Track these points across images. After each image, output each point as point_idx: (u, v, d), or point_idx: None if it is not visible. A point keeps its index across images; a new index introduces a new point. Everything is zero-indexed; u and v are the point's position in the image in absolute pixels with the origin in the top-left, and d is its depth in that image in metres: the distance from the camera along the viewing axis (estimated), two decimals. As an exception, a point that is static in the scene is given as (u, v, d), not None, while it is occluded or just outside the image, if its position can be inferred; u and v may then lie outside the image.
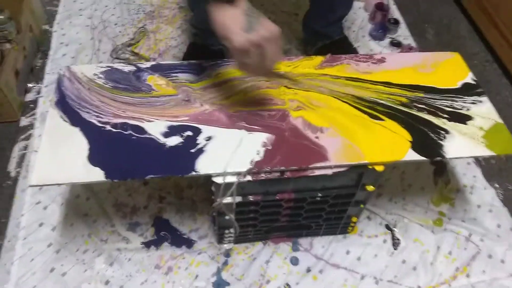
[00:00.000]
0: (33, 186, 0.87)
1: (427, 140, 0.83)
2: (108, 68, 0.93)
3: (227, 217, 0.85)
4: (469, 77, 0.97)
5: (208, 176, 0.76)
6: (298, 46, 1.48)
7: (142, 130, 0.82)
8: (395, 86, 0.94)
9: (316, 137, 0.82)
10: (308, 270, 0.97)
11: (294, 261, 0.99)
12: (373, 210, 1.08)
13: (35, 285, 0.92)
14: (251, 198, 0.82)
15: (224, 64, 0.96)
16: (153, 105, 0.87)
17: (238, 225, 0.87)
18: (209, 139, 0.81)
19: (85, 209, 1.04)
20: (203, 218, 1.05)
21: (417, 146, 0.81)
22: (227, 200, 0.79)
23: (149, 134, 0.81)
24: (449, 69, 0.99)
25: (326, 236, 1.03)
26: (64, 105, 0.85)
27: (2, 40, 1.25)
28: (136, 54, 1.43)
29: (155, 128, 0.82)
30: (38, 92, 1.31)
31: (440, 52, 1.03)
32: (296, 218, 0.92)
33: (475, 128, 0.87)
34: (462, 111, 0.90)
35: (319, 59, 0.99)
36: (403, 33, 1.58)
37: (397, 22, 1.55)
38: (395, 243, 1.03)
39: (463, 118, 0.88)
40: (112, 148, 0.79)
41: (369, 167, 0.79)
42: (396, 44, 1.52)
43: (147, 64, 0.95)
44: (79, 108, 0.85)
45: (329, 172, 0.78)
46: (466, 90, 0.94)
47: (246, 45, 0.69)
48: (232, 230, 0.93)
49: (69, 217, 1.02)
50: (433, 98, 0.92)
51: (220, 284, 0.95)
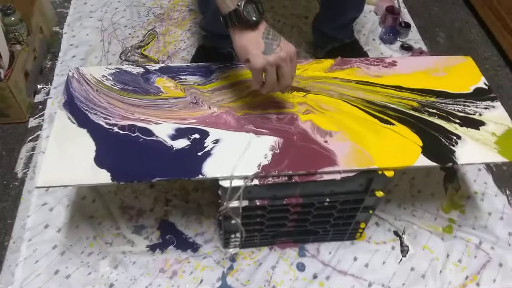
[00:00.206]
0: (40, 188, 0.87)
1: (439, 146, 0.82)
2: (117, 70, 0.93)
3: (233, 221, 0.84)
4: (482, 82, 0.96)
5: (215, 180, 0.76)
6: (308, 49, 1.48)
7: (150, 132, 0.81)
8: (406, 90, 0.92)
9: (325, 141, 0.81)
10: (315, 277, 0.96)
11: (301, 267, 0.97)
12: (382, 216, 1.06)
13: (39, 287, 0.91)
14: (258, 203, 0.81)
15: (233, 67, 0.95)
16: (161, 107, 0.86)
17: (244, 230, 0.86)
18: (217, 142, 0.80)
19: (91, 211, 1.04)
20: (209, 222, 1.04)
21: (428, 152, 0.80)
22: (234, 204, 0.79)
23: (157, 137, 0.80)
24: (461, 74, 0.97)
25: (333, 242, 1.01)
26: (72, 107, 0.85)
27: (13, 42, 1.26)
28: (145, 56, 1.43)
29: (163, 131, 0.82)
30: (47, 94, 1.31)
31: (452, 56, 1.02)
32: (303, 223, 0.91)
33: (488, 134, 0.85)
34: (475, 116, 0.88)
35: (329, 62, 0.98)
36: (414, 37, 1.57)
37: (408, 26, 1.54)
38: (404, 250, 1.01)
39: (476, 124, 0.87)
40: (119, 150, 0.78)
41: (379, 173, 0.77)
42: (407, 48, 1.50)
43: (156, 66, 0.95)
44: (87, 110, 0.84)
45: (338, 177, 0.77)
46: (479, 95, 0.93)
47: (265, 66, 0.74)
48: (238, 235, 0.92)
49: (75, 219, 1.02)
50: (445, 103, 0.90)
51: (226, 289, 0.94)
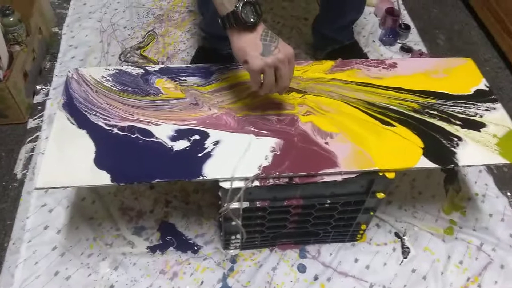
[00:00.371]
0: (39, 189, 0.86)
1: (440, 147, 0.81)
2: (116, 71, 0.93)
3: (234, 223, 0.83)
4: (482, 84, 0.96)
5: (215, 181, 0.75)
6: (307, 51, 1.47)
7: (150, 134, 0.81)
8: (407, 92, 0.92)
9: (326, 143, 0.81)
10: (316, 278, 0.96)
11: (302, 269, 0.97)
12: (383, 218, 1.06)
13: (39, 289, 0.91)
14: (259, 204, 0.80)
15: (233, 68, 0.95)
16: (161, 109, 0.86)
17: (245, 231, 0.85)
18: (217, 144, 0.80)
19: (91, 213, 1.03)
20: (209, 223, 1.03)
21: (430, 153, 0.80)
22: (234, 206, 0.78)
23: (157, 138, 0.80)
24: (462, 75, 0.97)
25: (334, 244, 1.01)
26: (72, 108, 0.85)
27: (12, 42, 1.26)
28: (145, 58, 1.43)
29: (163, 132, 0.81)
30: (46, 94, 1.31)
31: (453, 58, 1.02)
32: (304, 225, 0.91)
33: (489, 136, 0.85)
34: (475, 118, 0.88)
35: (329, 64, 0.97)
36: (414, 39, 1.56)
37: (408, 28, 1.54)
38: (405, 252, 1.01)
39: (476, 125, 0.87)
40: (119, 152, 0.78)
41: (380, 174, 0.77)
42: (407, 50, 1.50)
43: (156, 67, 0.95)
44: (87, 111, 0.84)
45: (339, 179, 0.77)
46: (479, 97, 0.93)
47: (263, 68, 0.74)
48: (239, 236, 0.92)
49: (75, 220, 1.02)
50: (446, 105, 0.90)
51: (226, 291, 0.93)
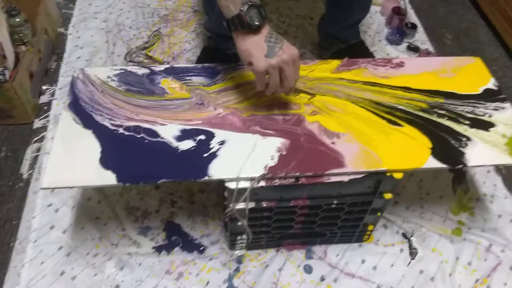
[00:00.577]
0: (45, 189, 0.86)
1: (448, 147, 0.81)
2: (122, 71, 0.93)
3: (240, 223, 0.83)
4: (491, 83, 0.94)
5: (221, 181, 0.75)
6: (313, 50, 1.47)
7: (155, 134, 0.81)
8: (415, 91, 0.91)
9: (332, 143, 0.80)
10: (322, 279, 0.95)
11: (308, 269, 0.96)
12: (390, 218, 1.05)
13: (45, 289, 0.91)
14: (265, 204, 0.80)
15: (238, 68, 0.94)
16: (167, 108, 0.86)
17: (251, 231, 0.85)
18: (223, 144, 0.79)
19: (97, 212, 1.03)
20: (215, 223, 1.03)
21: (438, 153, 0.79)
22: (240, 206, 0.78)
23: (162, 138, 0.80)
24: (470, 75, 0.96)
25: (341, 244, 1.00)
26: (77, 108, 0.84)
27: (18, 43, 1.26)
28: (150, 58, 1.43)
29: (168, 132, 0.81)
30: (52, 95, 1.31)
31: (461, 57, 1.01)
32: (311, 226, 0.90)
33: (498, 135, 0.84)
34: (484, 118, 0.87)
35: (336, 63, 0.97)
36: (421, 38, 1.55)
37: (415, 27, 1.53)
38: (412, 253, 1.00)
39: (485, 125, 0.85)
40: (125, 152, 0.78)
41: (388, 175, 0.76)
42: (414, 49, 1.49)
43: (161, 67, 0.95)
44: (92, 111, 0.84)
45: (346, 179, 0.76)
46: (488, 96, 0.92)
47: (268, 69, 0.75)
48: (245, 236, 0.91)
49: (80, 220, 1.02)
50: (454, 104, 0.89)
51: (232, 292, 0.93)
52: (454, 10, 1.72)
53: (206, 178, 0.74)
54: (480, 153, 0.80)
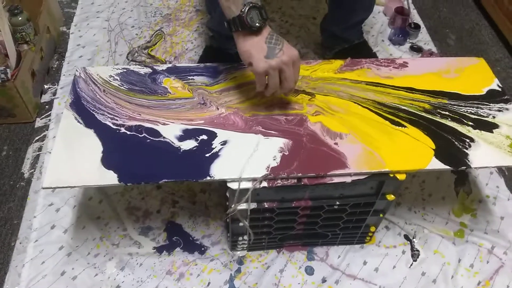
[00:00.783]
0: (46, 188, 0.86)
1: (452, 149, 0.80)
2: (124, 70, 0.92)
3: (241, 224, 0.82)
4: (495, 84, 0.94)
5: (223, 181, 0.74)
6: (316, 50, 1.46)
7: (157, 133, 0.80)
8: (418, 92, 0.91)
9: (335, 143, 0.80)
10: (324, 281, 0.94)
11: (309, 271, 0.96)
12: (392, 220, 1.05)
13: (46, 288, 0.91)
14: (266, 205, 0.79)
15: (241, 68, 0.94)
16: (169, 108, 0.85)
17: (252, 232, 0.84)
18: (225, 144, 0.79)
19: (98, 212, 1.03)
20: (216, 224, 1.03)
21: (441, 155, 0.78)
22: (242, 207, 0.77)
23: (164, 138, 0.80)
24: (474, 75, 0.96)
25: (343, 246, 1.00)
26: (79, 107, 0.84)
27: (20, 41, 1.26)
28: (152, 57, 1.43)
29: (170, 131, 0.81)
30: (54, 94, 1.31)
31: (464, 58, 1.00)
32: (312, 227, 0.90)
33: (502, 137, 0.83)
34: (488, 119, 0.86)
35: (339, 63, 0.96)
36: (424, 38, 1.55)
37: (418, 27, 1.52)
38: (414, 254, 0.99)
39: (489, 126, 0.85)
40: (126, 151, 0.77)
41: (390, 176, 0.76)
42: (417, 49, 1.48)
43: (163, 67, 0.94)
44: (94, 110, 0.84)
45: (348, 180, 0.75)
46: (492, 97, 0.91)
47: (268, 70, 0.75)
48: (246, 237, 0.91)
49: (81, 220, 1.01)
50: (458, 105, 0.89)
51: (233, 293, 0.92)
52: (458, 11, 1.71)
53: (208, 179, 0.73)
54: (484, 155, 0.80)
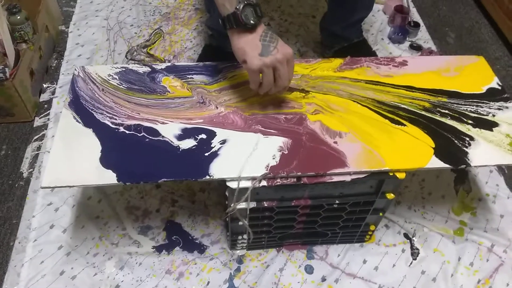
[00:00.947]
0: (45, 188, 0.86)
1: (451, 147, 0.80)
2: (123, 69, 0.92)
3: (241, 223, 0.82)
4: (495, 82, 0.94)
5: (222, 181, 0.74)
6: (315, 49, 1.46)
7: (156, 132, 0.80)
8: (418, 90, 0.90)
9: (335, 142, 0.79)
10: (323, 279, 0.94)
11: (309, 270, 0.96)
12: (392, 218, 1.05)
13: (45, 288, 0.90)
14: (266, 204, 0.79)
15: (240, 66, 0.93)
16: (168, 107, 0.85)
17: (252, 231, 0.84)
18: (224, 143, 0.79)
19: (97, 212, 1.03)
20: (216, 223, 1.03)
21: (441, 153, 0.78)
22: (241, 206, 0.77)
23: (163, 137, 0.79)
24: (474, 74, 0.95)
25: (342, 244, 0.99)
26: (78, 106, 0.84)
27: (19, 40, 1.26)
28: (151, 56, 1.42)
29: (169, 131, 0.80)
30: (53, 93, 1.31)
31: (464, 56, 1.00)
32: (312, 226, 0.89)
33: (501, 135, 0.83)
34: (488, 117, 0.86)
35: (338, 62, 0.96)
36: (423, 37, 1.54)
37: (417, 25, 1.52)
38: (414, 253, 0.99)
39: (489, 125, 0.85)
40: (125, 150, 0.77)
41: (390, 174, 0.75)
42: (416, 48, 1.48)
43: (162, 65, 0.94)
44: (93, 109, 0.83)
45: (348, 179, 0.75)
46: (492, 95, 0.91)
47: (262, 68, 0.75)
48: (245, 236, 0.91)
49: (80, 219, 1.01)
50: (457, 103, 0.88)
51: (232, 292, 0.92)
52: (457, 9, 1.71)
53: (207, 178, 0.73)
54: (484, 153, 0.79)
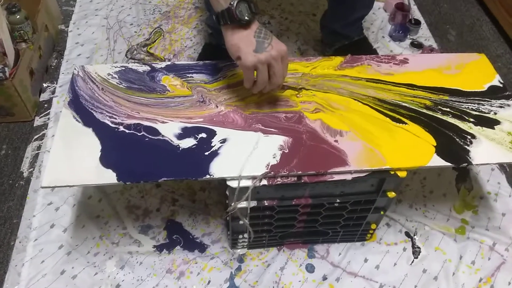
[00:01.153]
0: (45, 188, 0.86)
1: (453, 145, 0.79)
2: (123, 68, 0.92)
3: (241, 222, 0.82)
4: (496, 80, 0.93)
5: (223, 180, 0.74)
6: (316, 47, 1.45)
7: (156, 132, 0.80)
8: (419, 88, 0.90)
9: (335, 141, 0.79)
10: (325, 278, 0.94)
11: (310, 269, 0.95)
12: (393, 217, 1.04)
13: (46, 287, 0.90)
14: (266, 203, 0.79)
15: (240, 65, 0.93)
16: (168, 106, 0.85)
17: (252, 230, 0.84)
18: (224, 142, 0.78)
19: (97, 211, 1.03)
20: (216, 222, 1.02)
21: (442, 152, 0.78)
22: (242, 205, 0.77)
23: (163, 136, 0.79)
24: (475, 71, 0.95)
25: (343, 243, 0.99)
26: (77, 105, 0.84)
27: (18, 40, 1.25)
28: (151, 55, 1.42)
29: (169, 130, 0.80)
30: (53, 92, 1.31)
31: (466, 54, 0.99)
32: (313, 224, 0.89)
33: (503, 133, 0.82)
34: (489, 115, 0.86)
35: (339, 60, 0.96)
36: (424, 34, 1.54)
37: (418, 23, 1.51)
38: (416, 252, 0.99)
39: (490, 123, 0.84)
40: (125, 150, 0.77)
41: (391, 173, 0.75)
42: (417, 45, 1.47)
43: (162, 64, 0.94)
44: (93, 109, 0.83)
45: (349, 177, 0.75)
46: (493, 93, 0.90)
47: (256, 64, 0.74)
48: (246, 235, 0.90)
49: (81, 219, 1.01)
50: (459, 101, 0.88)
51: (233, 291, 0.92)
52: (458, 6, 1.70)
53: (208, 177, 0.73)
54: (485, 151, 0.79)
